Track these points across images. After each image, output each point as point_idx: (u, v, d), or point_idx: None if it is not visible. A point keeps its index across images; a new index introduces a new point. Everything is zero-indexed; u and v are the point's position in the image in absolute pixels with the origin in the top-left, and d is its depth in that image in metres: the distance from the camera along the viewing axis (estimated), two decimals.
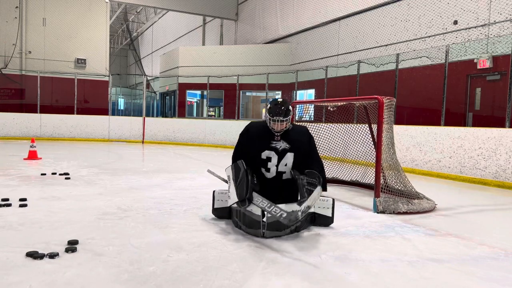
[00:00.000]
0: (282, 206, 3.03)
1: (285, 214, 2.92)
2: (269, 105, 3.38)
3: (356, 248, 2.86)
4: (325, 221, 3.40)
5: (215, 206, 3.54)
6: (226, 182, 3.42)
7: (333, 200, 3.42)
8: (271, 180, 3.37)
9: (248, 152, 3.41)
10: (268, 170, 3.35)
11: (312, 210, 3.27)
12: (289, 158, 3.32)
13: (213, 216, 3.60)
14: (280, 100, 3.41)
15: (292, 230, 3.11)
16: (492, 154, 6.25)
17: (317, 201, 3.24)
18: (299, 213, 2.92)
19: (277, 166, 3.33)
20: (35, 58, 14.68)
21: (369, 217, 3.85)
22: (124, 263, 2.41)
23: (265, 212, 3.02)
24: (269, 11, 15.47)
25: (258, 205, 3.04)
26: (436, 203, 4.40)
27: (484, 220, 4.09)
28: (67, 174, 5.81)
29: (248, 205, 3.07)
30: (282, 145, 3.33)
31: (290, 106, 3.35)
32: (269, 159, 3.34)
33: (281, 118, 3.25)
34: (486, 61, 7.85)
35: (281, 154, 3.32)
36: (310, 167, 3.33)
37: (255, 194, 3.14)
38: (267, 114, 3.34)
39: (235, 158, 3.46)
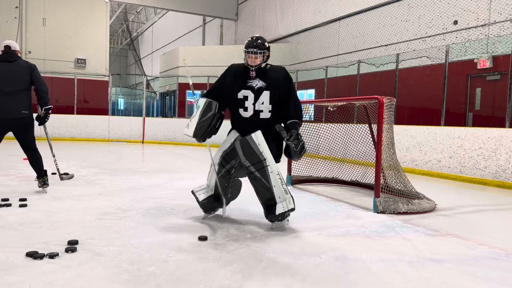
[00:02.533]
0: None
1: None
2: (246, 41, 3.36)
3: (356, 248, 2.86)
4: (273, 214, 3.29)
5: (200, 200, 3.55)
6: (193, 93, 3.69)
7: (293, 209, 3.30)
8: (249, 119, 3.37)
9: (226, 93, 3.42)
10: (246, 109, 3.36)
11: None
12: (265, 96, 3.31)
13: (214, 214, 3.60)
14: (256, 35, 3.40)
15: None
16: (492, 154, 6.25)
17: (286, 195, 3.30)
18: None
19: (254, 104, 3.33)
20: (35, 58, 14.66)
21: (369, 217, 3.85)
22: (124, 263, 2.41)
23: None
24: (269, 11, 15.47)
25: (212, 161, 3.46)
26: (436, 203, 4.39)
27: (484, 220, 4.09)
28: (67, 174, 5.81)
29: (199, 141, 3.40)
30: (258, 83, 3.31)
31: (266, 43, 3.33)
32: (245, 98, 3.34)
33: (255, 50, 3.24)
34: (486, 61, 7.85)
35: (257, 93, 3.31)
36: (289, 112, 3.35)
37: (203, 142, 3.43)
38: (243, 50, 3.32)
39: (209, 95, 3.48)
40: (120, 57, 34.02)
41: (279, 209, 3.24)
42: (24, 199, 3.97)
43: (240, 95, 3.34)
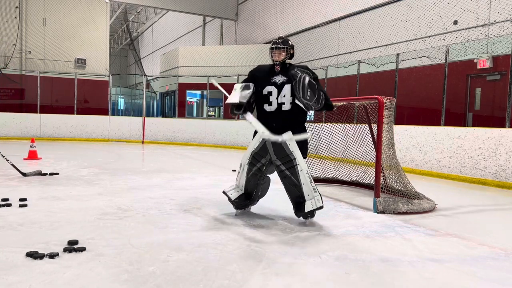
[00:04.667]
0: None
1: (267, 133, 3.35)
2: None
3: (356, 248, 2.86)
4: (302, 211, 3.45)
5: (233, 199, 3.69)
6: (228, 94, 3.69)
7: (322, 206, 3.43)
8: (273, 113, 3.55)
9: (254, 89, 3.62)
10: (270, 104, 3.55)
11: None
12: (287, 89, 3.49)
13: (214, 214, 3.61)
14: (281, 36, 3.70)
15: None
16: (492, 154, 6.25)
17: (315, 193, 3.42)
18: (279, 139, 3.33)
19: (277, 98, 3.52)
20: (35, 58, 14.68)
21: (369, 217, 3.85)
22: (124, 263, 2.41)
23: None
24: (269, 11, 15.47)
25: (251, 121, 3.45)
26: (436, 203, 4.40)
27: (484, 220, 4.09)
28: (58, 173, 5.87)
29: (242, 113, 3.50)
30: (280, 78, 3.54)
31: (290, 42, 3.61)
32: (270, 93, 3.55)
33: (279, 45, 3.52)
34: (486, 61, 7.85)
35: (280, 87, 3.52)
36: None
37: (250, 115, 3.47)
38: (269, 49, 3.60)
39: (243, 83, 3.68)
40: (120, 57, 34.01)
41: (308, 207, 3.41)
42: (24, 199, 3.97)
43: (265, 91, 3.55)
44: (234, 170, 6.91)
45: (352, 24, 11.49)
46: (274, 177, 3.77)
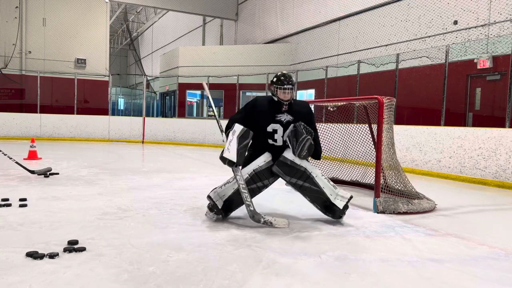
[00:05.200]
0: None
1: (252, 208, 3.34)
2: (274, 79, 3.63)
3: (356, 248, 2.86)
4: (331, 209, 3.54)
5: (220, 207, 3.50)
6: (211, 106, 3.87)
7: (351, 196, 3.59)
8: (278, 147, 3.63)
9: (253, 125, 3.59)
10: (275, 140, 3.62)
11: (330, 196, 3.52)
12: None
13: (216, 217, 3.60)
14: (284, 72, 3.70)
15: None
16: (492, 154, 6.25)
17: (336, 189, 3.53)
18: (262, 220, 3.30)
19: (282, 136, 3.60)
20: (35, 58, 14.68)
21: (369, 217, 3.85)
22: (124, 263, 2.41)
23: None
24: (269, 11, 15.47)
25: (237, 181, 3.40)
26: (436, 203, 4.39)
27: (484, 220, 4.09)
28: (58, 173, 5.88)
29: (236, 169, 3.43)
30: (286, 117, 3.60)
31: (294, 79, 3.68)
32: (275, 131, 3.60)
33: (290, 86, 3.54)
34: (486, 61, 7.85)
35: (285, 126, 3.58)
36: None
37: (237, 170, 3.45)
38: (273, 86, 3.60)
39: (240, 121, 3.59)
40: (120, 57, 34.02)
41: (339, 205, 3.50)
42: (24, 199, 3.97)
43: (270, 128, 3.59)
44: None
45: (352, 24, 11.49)
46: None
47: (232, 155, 3.40)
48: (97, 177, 5.73)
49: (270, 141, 3.61)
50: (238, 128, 3.46)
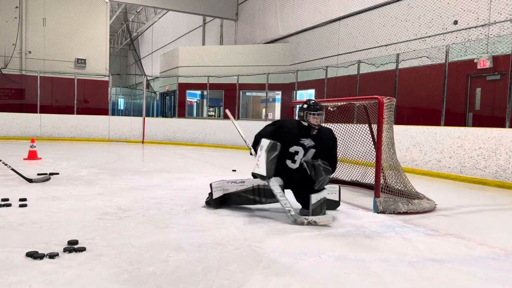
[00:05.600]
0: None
1: (292, 213, 3.51)
2: (305, 105, 3.89)
3: (356, 248, 2.86)
4: (333, 205, 4.00)
5: (214, 197, 3.94)
6: (241, 135, 4.08)
7: (339, 187, 4.14)
8: (294, 170, 3.87)
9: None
10: (294, 162, 3.85)
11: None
12: (311, 153, 3.85)
13: (214, 214, 3.61)
14: (311, 99, 4.14)
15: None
16: (492, 154, 6.25)
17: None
18: (305, 222, 3.46)
19: (301, 159, 3.84)
20: (35, 58, 14.68)
21: (369, 217, 3.85)
22: (124, 263, 2.41)
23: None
24: (269, 11, 15.47)
25: (273, 190, 3.61)
26: (436, 203, 4.39)
27: (484, 220, 4.09)
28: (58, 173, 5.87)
29: (268, 182, 3.64)
30: (309, 142, 3.83)
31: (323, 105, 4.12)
32: (296, 152, 3.84)
33: (320, 112, 3.81)
34: (486, 61, 7.85)
35: (306, 150, 3.83)
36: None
37: (273, 180, 3.67)
38: (304, 112, 3.84)
39: (269, 135, 3.81)
40: (120, 57, 34.02)
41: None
42: (24, 199, 3.97)
43: (292, 149, 3.82)
44: (234, 170, 6.92)
45: (352, 24, 11.49)
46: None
47: (261, 170, 3.62)
48: (97, 177, 5.73)
49: (289, 162, 3.84)
50: (265, 142, 3.66)
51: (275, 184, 3.64)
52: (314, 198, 3.61)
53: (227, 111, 4.57)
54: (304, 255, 2.67)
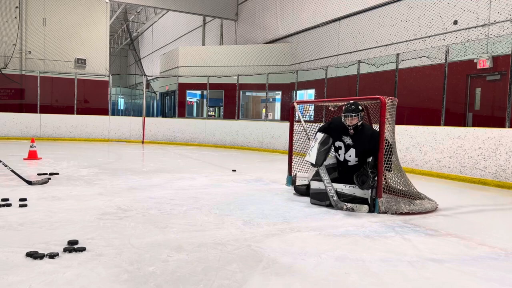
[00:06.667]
0: (342, 187, 4.19)
1: (335, 198, 4.08)
2: (344, 106, 4.33)
3: (356, 248, 2.86)
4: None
5: (296, 184, 4.95)
6: (307, 134, 4.85)
7: (372, 188, 4.10)
8: (341, 163, 4.44)
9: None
10: (339, 155, 4.42)
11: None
12: (352, 151, 4.30)
13: (214, 214, 3.62)
14: (352, 102, 4.34)
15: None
16: (492, 154, 6.25)
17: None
18: (344, 207, 4.01)
19: (344, 154, 4.35)
20: (35, 58, 14.68)
21: (369, 217, 3.85)
22: (124, 263, 2.41)
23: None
24: (269, 11, 15.47)
25: (322, 176, 4.20)
26: (437, 204, 4.39)
27: (484, 220, 4.09)
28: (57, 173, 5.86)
29: (318, 168, 4.28)
30: (348, 141, 4.31)
31: (360, 106, 4.22)
32: (339, 147, 4.37)
33: (349, 114, 4.17)
34: (486, 61, 7.85)
35: (346, 147, 4.31)
36: (373, 162, 4.11)
37: (323, 168, 4.26)
38: (341, 113, 4.30)
39: (323, 131, 4.47)
40: (120, 57, 34.02)
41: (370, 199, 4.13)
42: (24, 199, 3.97)
43: (336, 144, 4.39)
44: (234, 170, 6.92)
45: (352, 24, 11.49)
46: (275, 175, 3.76)
47: (312, 158, 4.30)
48: (97, 177, 5.73)
49: (336, 155, 4.45)
50: (319, 135, 4.36)
51: (324, 171, 4.20)
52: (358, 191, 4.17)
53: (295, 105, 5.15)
54: (304, 255, 2.67)
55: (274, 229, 3.30)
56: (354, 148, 4.25)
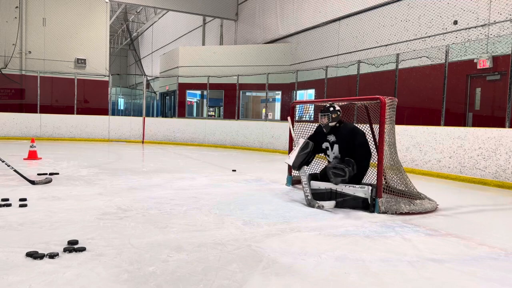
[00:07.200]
0: (343, 187, 4.27)
1: (309, 197, 4.28)
2: None
3: (356, 248, 2.86)
4: (360, 204, 4.16)
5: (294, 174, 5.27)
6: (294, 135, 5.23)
7: (372, 188, 4.12)
8: (332, 161, 4.62)
9: (316, 142, 4.74)
10: (328, 156, 4.70)
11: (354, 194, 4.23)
12: (336, 148, 4.58)
13: (214, 214, 3.62)
14: (329, 103, 4.69)
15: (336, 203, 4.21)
16: (492, 154, 6.25)
17: (356, 187, 4.21)
18: (316, 206, 4.14)
19: (331, 153, 4.62)
20: (35, 58, 14.68)
21: (369, 217, 3.85)
22: (124, 263, 2.41)
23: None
24: (269, 11, 15.47)
25: (301, 178, 4.50)
26: (437, 204, 4.39)
27: (484, 220, 4.09)
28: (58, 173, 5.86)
29: (299, 171, 4.63)
30: (332, 138, 4.61)
31: (332, 108, 4.57)
32: (327, 148, 4.67)
33: (320, 114, 4.58)
34: (486, 61, 7.85)
35: (331, 145, 4.61)
36: (354, 157, 4.35)
37: (304, 170, 4.56)
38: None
39: (309, 138, 4.88)
40: (120, 57, 34.02)
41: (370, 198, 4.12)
42: (24, 199, 3.97)
43: (324, 145, 4.70)
44: (234, 170, 6.92)
45: (352, 24, 11.49)
46: (275, 175, 3.76)
47: (290, 160, 4.72)
48: (97, 177, 5.73)
49: (326, 156, 4.74)
50: (301, 141, 4.78)
51: (304, 173, 4.49)
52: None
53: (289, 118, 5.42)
54: (304, 255, 2.67)
55: (274, 229, 3.30)
56: (337, 144, 4.54)
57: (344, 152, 4.48)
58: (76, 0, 15.21)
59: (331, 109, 4.55)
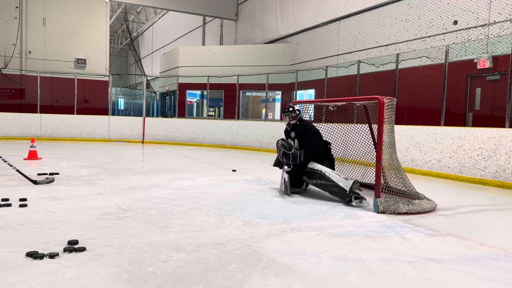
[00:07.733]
0: (330, 172, 4.74)
1: (283, 188, 4.91)
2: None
3: (356, 248, 2.86)
4: (336, 191, 4.54)
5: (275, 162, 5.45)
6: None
7: (355, 182, 4.45)
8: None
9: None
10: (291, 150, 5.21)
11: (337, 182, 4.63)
12: (296, 142, 5.23)
13: (214, 214, 3.63)
14: (291, 104, 5.38)
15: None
16: (492, 154, 6.25)
17: (339, 176, 4.65)
18: (285, 195, 4.83)
19: (294, 147, 5.18)
20: (35, 58, 14.68)
21: (369, 217, 3.85)
22: (124, 263, 2.41)
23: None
24: (269, 11, 15.47)
25: (282, 172, 5.02)
26: (436, 203, 4.39)
27: (484, 220, 4.09)
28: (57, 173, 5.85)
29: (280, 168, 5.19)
30: (293, 134, 5.29)
31: (291, 108, 5.26)
32: (292, 142, 5.28)
33: (283, 114, 5.35)
34: (486, 61, 7.85)
35: (293, 140, 5.26)
36: (303, 147, 5.06)
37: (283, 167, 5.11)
38: None
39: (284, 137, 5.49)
40: (120, 57, 34.02)
41: (350, 190, 4.41)
42: (24, 199, 3.97)
43: (289, 141, 5.27)
44: (234, 170, 6.92)
45: (352, 24, 11.49)
46: (275, 175, 3.76)
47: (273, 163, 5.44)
48: (97, 177, 5.73)
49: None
50: (278, 143, 5.24)
51: (284, 168, 4.97)
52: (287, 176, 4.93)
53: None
54: (304, 255, 2.67)
55: (274, 229, 3.30)
56: (296, 138, 5.22)
57: (301, 145, 5.14)
58: (76, 0, 15.22)
59: (291, 109, 5.25)
